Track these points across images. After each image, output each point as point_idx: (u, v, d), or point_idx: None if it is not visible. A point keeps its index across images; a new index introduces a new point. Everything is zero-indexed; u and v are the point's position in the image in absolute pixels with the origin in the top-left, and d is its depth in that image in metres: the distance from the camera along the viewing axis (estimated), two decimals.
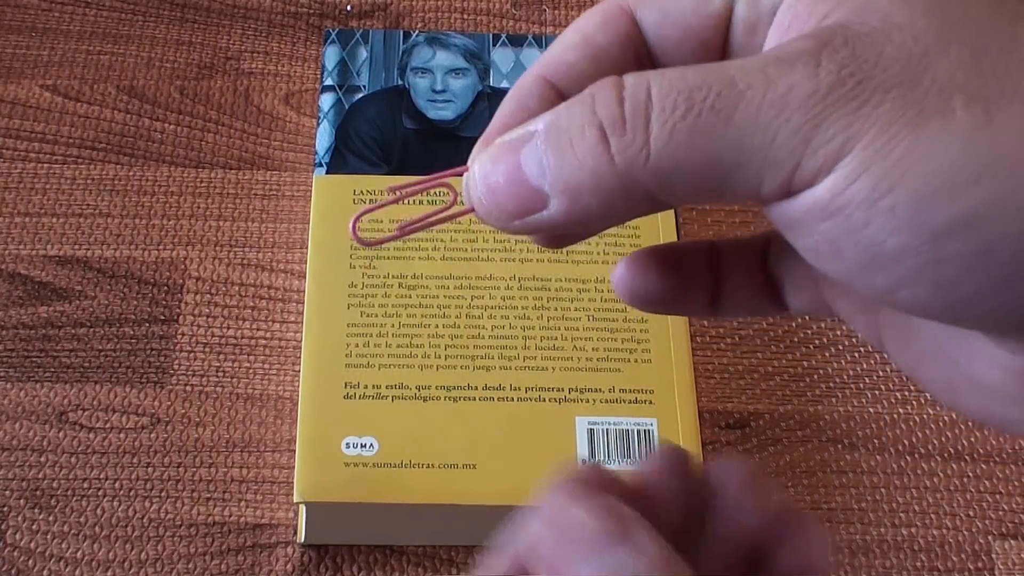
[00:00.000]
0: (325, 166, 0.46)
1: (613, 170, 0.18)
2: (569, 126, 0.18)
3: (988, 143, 0.15)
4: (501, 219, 0.20)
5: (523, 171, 0.19)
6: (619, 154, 0.17)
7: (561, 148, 0.18)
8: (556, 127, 0.18)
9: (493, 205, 0.19)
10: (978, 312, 0.17)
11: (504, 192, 0.19)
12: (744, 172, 0.17)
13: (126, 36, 0.53)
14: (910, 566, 0.42)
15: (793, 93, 0.16)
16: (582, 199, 0.18)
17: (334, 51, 0.49)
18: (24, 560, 0.40)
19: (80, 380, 0.44)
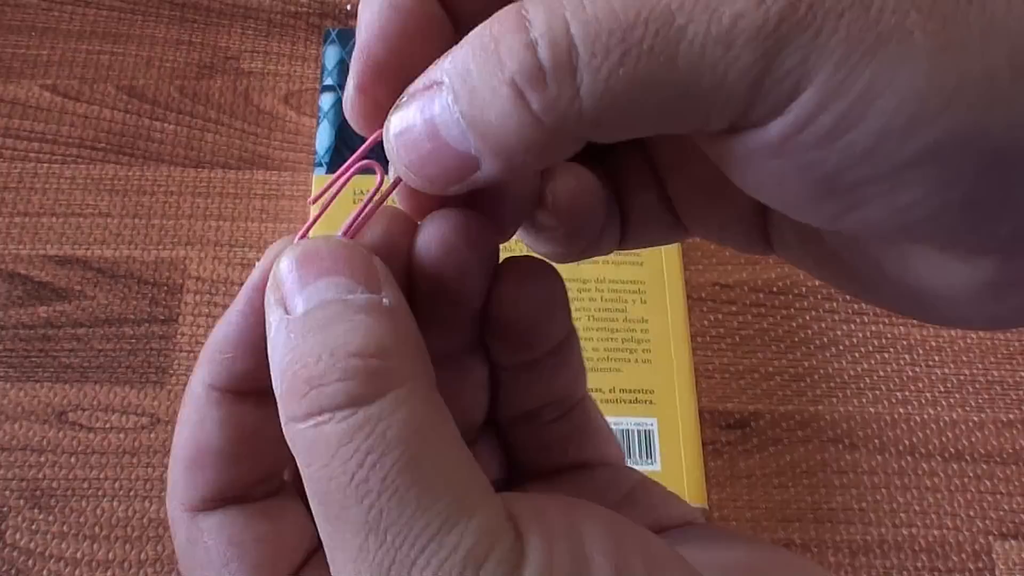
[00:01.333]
0: (325, 166, 0.46)
1: (541, 128, 0.16)
2: (478, 82, 0.16)
3: (950, 68, 0.14)
4: (436, 188, 0.18)
5: (443, 138, 0.17)
6: (544, 113, 0.16)
7: (476, 109, 0.16)
8: (463, 83, 0.16)
9: (423, 178, 0.18)
10: (935, 230, 0.16)
11: (430, 163, 0.17)
12: (688, 114, 0.15)
13: (126, 36, 0.53)
14: (910, 566, 0.42)
15: (740, 26, 0.14)
16: (516, 157, 0.16)
17: (334, 51, 0.49)
18: (24, 560, 0.40)
19: (80, 380, 0.44)
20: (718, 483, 0.43)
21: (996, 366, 0.46)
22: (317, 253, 0.18)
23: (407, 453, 0.15)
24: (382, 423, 0.16)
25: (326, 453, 0.16)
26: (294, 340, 0.17)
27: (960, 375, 0.46)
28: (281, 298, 0.17)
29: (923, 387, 0.46)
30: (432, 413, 0.16)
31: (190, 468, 0.20)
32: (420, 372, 0.17)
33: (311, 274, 0.17)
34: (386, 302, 0.17)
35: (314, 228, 0.21)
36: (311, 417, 0.16)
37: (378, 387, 0.16)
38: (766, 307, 0.47)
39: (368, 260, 0.18)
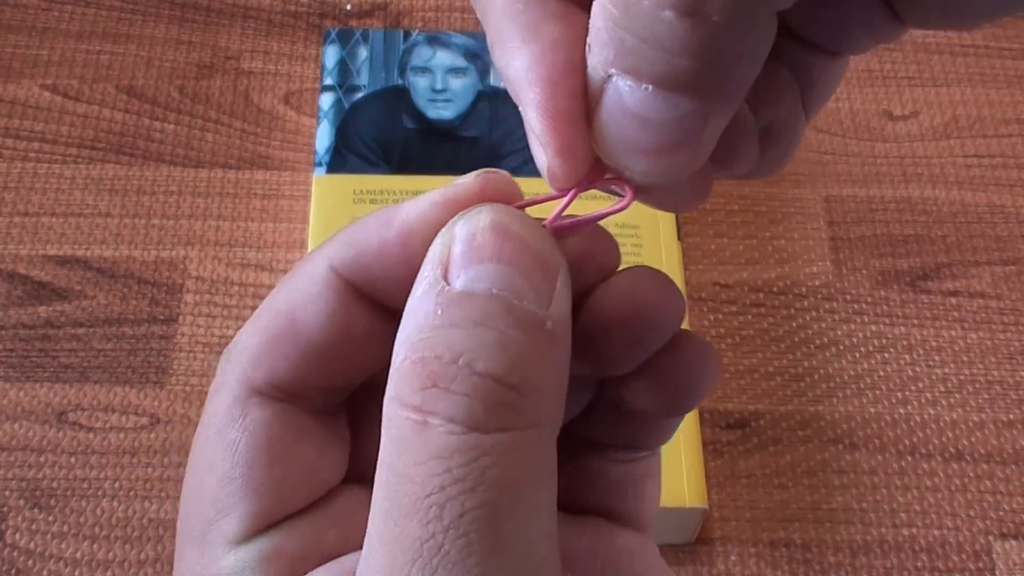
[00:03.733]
0: (325, 166, 0.46)
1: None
2: (641, 43, 0.15)
3: None
4: (683, 168, 0.16)
5: (655, 117, 0.15)
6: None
7: (661, 65, 0.15)
8: (630, 57, 0.15)
9: (668, 166, 0.16)
10: None
11: (667, 151, 0.16)
12: None
13: (126, 36, 0.53)
14: (911, 566, 0.42)
15: None
16: (731, 66, 0.15)
17: (334, 51, 0.49)
18: (24, 560, 0.40)
19: (80, 380, 0.44)
20: (718, 483, 0.43)
21: (996, 366, 0.46)
22: (507, 230, 0.16)
23: (497, 504, 0.14)
24: (488, 459, 0.14)
25: (417, 454, 0.14)
26: (438, 319, 0.15)
27: (960, 375, 0.46)
28: (446, 258, 0.16)
29: (923, 387, 0.46)
30: (540, 470, 0.15)
31: (272, 342, 0.18)
32: (550, 418, 0.15)
33: (489, 251, 0.16)
34: (549, 326, 0.16)
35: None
36: (419, 412, 0.15)
37: (503, 421, 0.15)
38: (766, 307, 0.47)
39: (553, 265, 0.16)
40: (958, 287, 0.48)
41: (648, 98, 0.15)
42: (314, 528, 0.18)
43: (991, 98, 0.54)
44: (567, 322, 0.16)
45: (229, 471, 0.18)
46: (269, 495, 0.18)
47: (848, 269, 0.48)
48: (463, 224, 0.16)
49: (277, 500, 0.18)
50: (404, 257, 0.17)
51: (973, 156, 0.52)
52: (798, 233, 0.49)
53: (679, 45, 0.14)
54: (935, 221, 0.50)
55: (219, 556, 0.18)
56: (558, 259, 0.16)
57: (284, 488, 0.18)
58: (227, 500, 0.18)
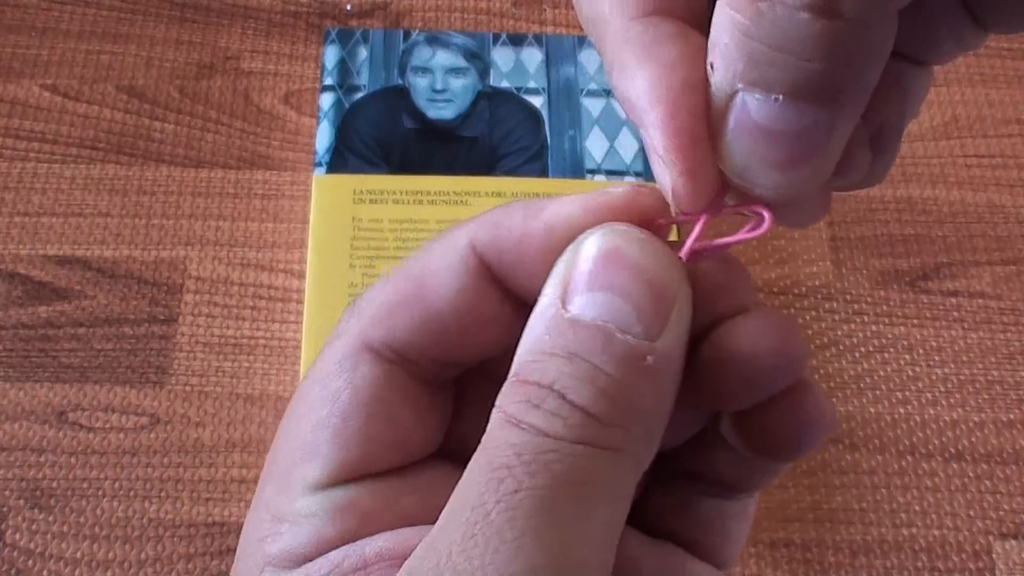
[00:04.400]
0: (325, 166, 0.46)
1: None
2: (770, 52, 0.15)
3: None
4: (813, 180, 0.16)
5: (786, 128, 0.15)
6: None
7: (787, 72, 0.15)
8: (758, 65, 0.15)
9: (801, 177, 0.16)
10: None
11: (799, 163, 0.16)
12: None
13: (126, 36, 0.53)
14: (911, 566, 0.42)
15: None
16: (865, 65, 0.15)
17: (334, 51, 0.49)
18: (24, 560, 0.40)
19: (80, 380, 0.44)
20: None
21: (996, 366, 0.46)
22: (624, 258, 0.16)
23: (552, 493, 0.15)
24: (555, 455, 0.15)
25: (497, 440, 0.16)
26: (545, 344, 0.16)
27: (960, 375, 0.46)
28: (568, 279, 0.16)
29: (923, 387, 0.46)
30: (606, 486, 0.16)
31: (397, 304, 0.19)
32: (632, 446, 0.16)
33: (602, 279, 0.16)
34: (650, 360, 0.16)
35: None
36: (514, 418, 0.16)
37: (581, 437, 0.15)
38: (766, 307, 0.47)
39: (669, 297, 0.17)
40: (958, 287, 0.48)
41: (778, 109, 0.15)
42: (392, 491, 0.19)
43: (991, 98, 0.54)
44: (676, 355, 0.17)
45: (325, 418, 0.18)
46: (357, 449, 0.18)
47: (848, 269, 0.48)
48: (586, 246, 0.17)
49: (364, 456, 0.18)
50: (542, 251, 0.18)
51: (973, 156, 0.52)
52: (798, 233, 0.49)
53: (813, 47, 0.15)
54: (935, 221, 0.50)
55: (295, 497, 0.18)
56: (675, 291, 0.17)
57: (373, 446, 0.18)
58: (316, 445, 0.18)
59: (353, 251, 0.43)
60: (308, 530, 0.18)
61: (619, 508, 0.16)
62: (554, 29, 0.54)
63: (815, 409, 0.19)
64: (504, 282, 0.19)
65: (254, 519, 0.19)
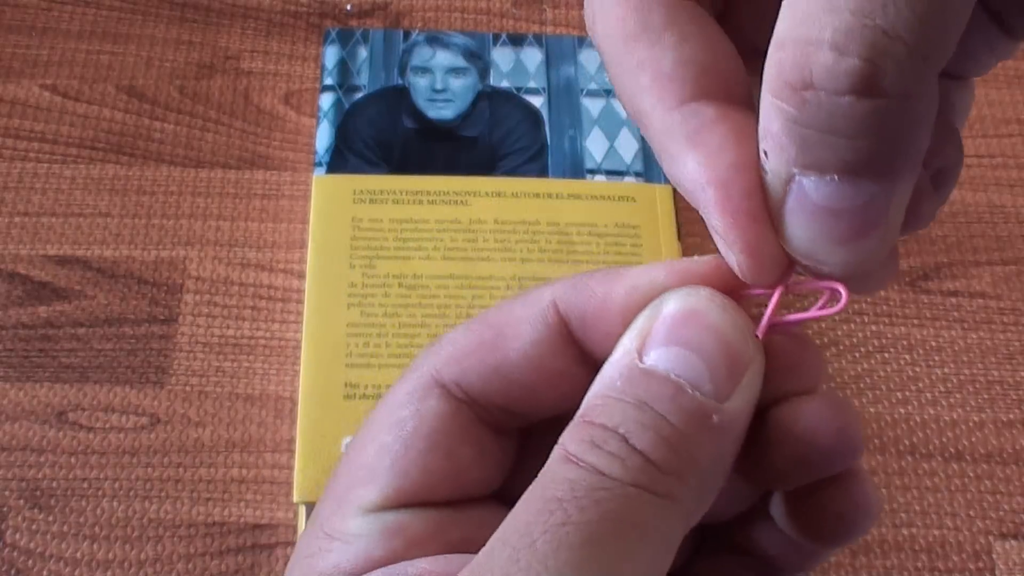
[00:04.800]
0: (325, 166, 0.46)
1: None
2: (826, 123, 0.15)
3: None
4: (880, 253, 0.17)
5: (848, 206, 0.16)
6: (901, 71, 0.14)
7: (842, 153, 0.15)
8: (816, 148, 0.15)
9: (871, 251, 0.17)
10: None
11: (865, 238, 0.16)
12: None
13: (126, 36, 0.53)
14: (910, 566, 0.42)
15: None
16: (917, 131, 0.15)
17: (334, 51, 0.49)
18: (24, 560, 0.40)
19: (80, 380, 0.44)
20: None
21: (996, 366, 0.46)
22: (705, 318, 0.17)
23: (599, 529, 0.15)
24: (607, 493, 0.16)
25: (554, 475, 0.16)
26: (615, 390, 0.17)
27: (960, 375, 0.46)
28: (647, 331, 0.17)
29: (923, 387, 0.46)
30: (654, 530, 0.16)
31: (471, 346, 0.20)
32: (686, 499, 0.16)
33: (680, 336, 0.17)
34: (715, 419, 0.17)
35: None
36: (575, 456, 0.16)
37: (636, 480, 0.16)
38: None
39: (743, 361, 0.17)
40: (958, 287, 0.48)
41: (835, 188, 0.16)
42: (443, 522, 0.19)
43: (991, 98, 0.54)
44: (741, 419, 0.17)
45: (388, 444, 0.19)
46: (415, 478, 0.19)
47: None
48: (670, 302, 0.17)
49: (420, 485, 0.19)
50: (622, 312, 0.19)
51: (973, 156, 0.52)
52: None
53: (861, 127, 0.15)
54: (935, 221, 0.50)
55: (348, 516, 0.19)
56: (749, 357, 0.17)
57: (430, 476, 0.19)
58: (375, 470, 0.19)
59: (353, 251, 0.43)
60: (356, 549, 0.19)
61: (664, 556, 0.16)
62: (554, 29, 0.54)
63: (865, 497, 0.19)
64: (581, 343, 0.19)
65: (307, 536, 0.20)
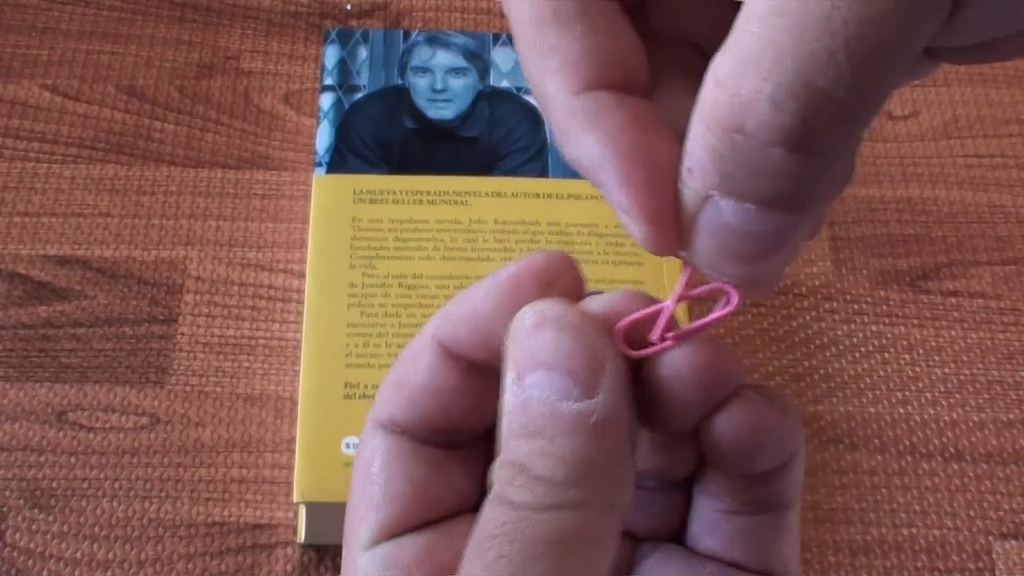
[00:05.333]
0: (325, 166, 0.46)
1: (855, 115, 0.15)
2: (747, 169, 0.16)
3: None
4: (777, 278, 0.18)
5: (759, 233, 0.17)
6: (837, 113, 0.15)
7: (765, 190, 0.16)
8: (733, 182, 0.16)
9: (769, 280, 0.19)
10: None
11: (765, 265, 0.18)
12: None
13: (126, 36, 0.53)
14: (910, 566, 0.42)
15: None
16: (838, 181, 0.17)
17: (334, 51, 0.49)
18: (24, 560, 0.40)
19: (80, 380, 0.44)
20: None
21: (996, 366, 0.46)
22: (548, 334, 0.19)
23: (529, 553, 0.17)
24: (530, 523, 0.17)
25: (490, 523, 0.18)
26: (515, 422, 0.18)
27: (960, 375, 0.46)
28: (515, 362, 0.19)
29: (923, 387, 0.46)
30: (579, 540, 0.18)
31: (390, 389, 0.22)
32: (599, 498, 0.18)
33: (536, 357, 0.18)
34: (595, 418, 0.18)
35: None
36: (499, 496, 0.18)
37: (550, 503, 0.18)
38: (766, 307, 0.47)
39: (597, 358, 0.18)
40: (958, 287, 0.48)
41: (750, 215, 0.17)
42: (429, 543, 0.21)
43: (991, 98, 0.54)
44: (619, 406, 0.18)
45: (363, 487, 0.22)
46: (387, 508, 0.21)
47: (848, 269, 0.48)
48: (515, 330, 0.19)
49: (394, 513, 0.21)
50: (477, 332, 0.21)
51: (973, 156, 0.52)
52: None
53: (786, 175, 0.16)
54: (935, 221, 0.50)
55: (356, 556, 0.21)
56: (601, 349, 0.19)
57: (400, 503, 0.21)
58: (362, 510, 0.22)
59: (353, 251, 0.43)
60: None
61: (599, 551, 0.18)
62: None
63: (751, 419, 0.20)
64: (464, 358, 0.21)
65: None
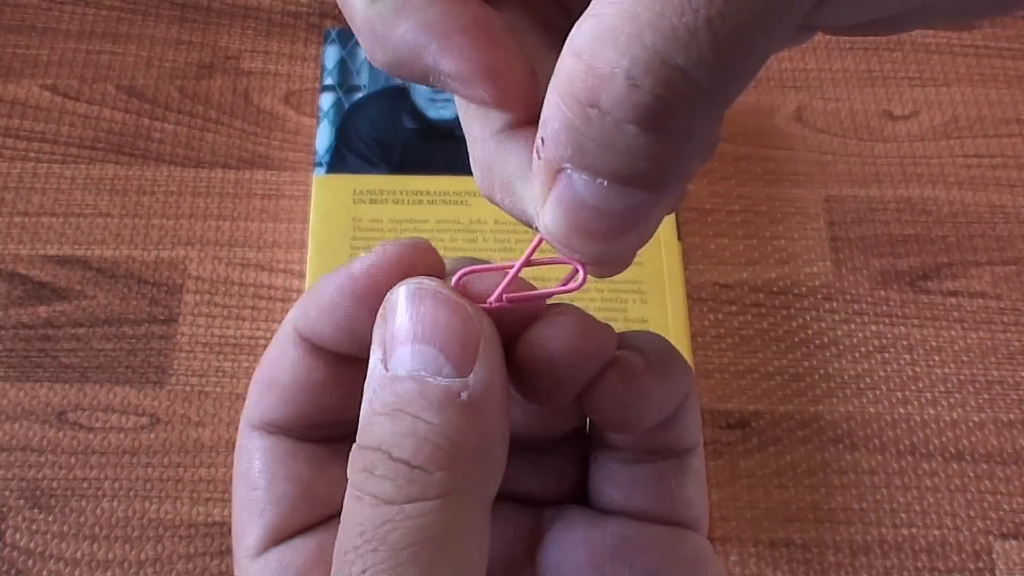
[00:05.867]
0: (325, 166, 0.46)
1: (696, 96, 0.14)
2: (602, 149, 0.15)
3: None
4: (630, 256, 0.17)
5: (610, 209, 0.16)
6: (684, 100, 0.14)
7: (617, 165, 0.15)
8: (588, 156, 0.15)
9: (617, 255, 0.17)
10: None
11: (614, 240, 0.16)
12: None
13: (126, 36, 0.53)
14: (911, 566, 0.42)
15: None
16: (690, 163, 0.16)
17: (334, 50, 0.49)
18: (24, 560, 0.40)
19: (80, 380, 0.44)
20: (718, 483, 0.43)
21: (996, 366, 0.46)
22: (421, 309, 0.18)
23: (394, 563, 0.16)
24: (391, 525, 0.16)
25: (348, 521, 0.17)
26: (373, 407, 0.17)
27: (960, 375, 0.46)
28: (383, 340, 0.18)
29: (923, 387, 0.46)
30: (448, 532, 0.16)
31: (261, 389, 0.21)
32: (465, 483, 0.17)
33: (407, 332, 0.17)
34: (464, 396, 0.17)
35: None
36: (356, 490, 0.17)
37: (411, 495, 0.16)
38: (766, 307, 0.47)
39: (472, 334, 0.18)
40: (958, 287, 0.48)
41: (604, 191, 0.16)
42: (321, 543, 0.20)
43: (991, 98, 0.54)
44: (493, 386, 0.18)
45: (244, 494, 0.21)
46: (272, 512, 0.20)
47: (848, 269, 0.48)
48: (389, 305, 0.18)
49: (279, 516, 0.20)
50: (340, 316, 0.20)
51: (973, 156, 0.52)
52: (798, 233, 0.49)
53: (640, 153, 0.15)
54: (935, 221, 0.50)
55: (245, 567, 0.20)
56: (476, 326, 0.18)
57: (283, 506, 0.20)
58: (244, 520, 0.21)
59: (353, 251, 0.43)
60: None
61: (470, 545, 0.17)
62: None
63: (627, 386, 0.20)
64: (328, 350, 0.21)
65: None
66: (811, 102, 0.53)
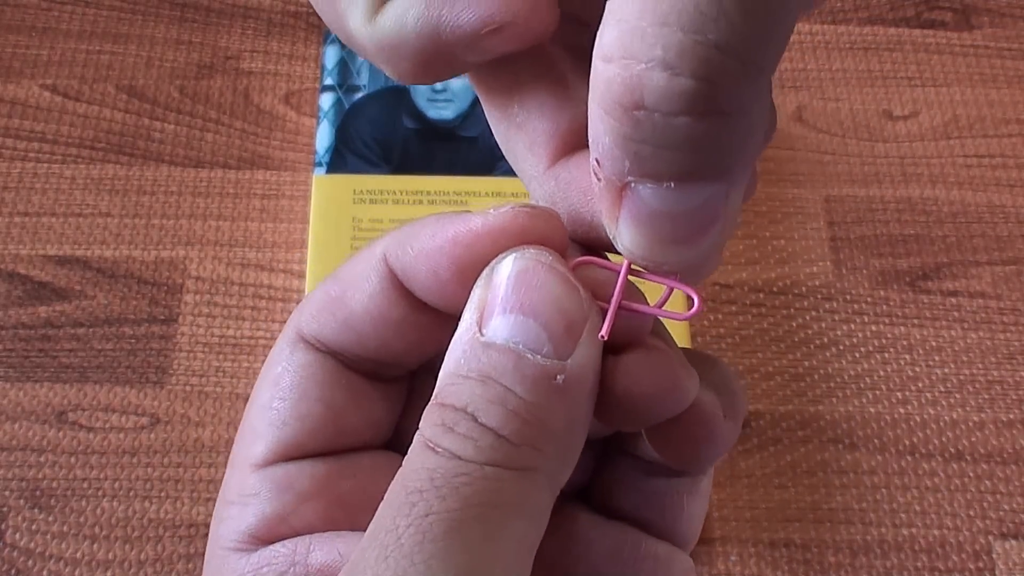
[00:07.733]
0: (325, 166, 0.46)
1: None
2: (658, 143, 0.15)
3: None
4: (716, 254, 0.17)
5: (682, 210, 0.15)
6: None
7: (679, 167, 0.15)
8: (648, 161, 0.15)
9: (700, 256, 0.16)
10: None
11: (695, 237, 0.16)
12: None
13: (126, 36, 0.53)
14: (911, 566, 0.42)
15: None
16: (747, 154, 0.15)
17: (334, 51, 0.49)
18: (24, 560, 0.40)
19: (80, 380, 0.44)
20: (718, 483, 0.43)
21: (996, 366, 0.46)
22: (532, 281, 0.17)
23: (461, 516, 0.15)
24: (466, 478, 0.16)
25: (415, 465, 0.16)
26: (461, 368, 0.17)
27: (960, 375, 0.46)
28: (483, 304, 0.17)
29: (923, 387, 0.46)
30: (517, 505, 0.16)
31: (326, 305, 0.20)
32: (544, 464, 0.16)
33: (513, 302, 0.17)
34: (560, 380, 0.17)
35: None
36: (431, 441, 0.16)
37: (491, 459, 0.16)
38: (766, 307, 0.47)
39: (579, 317, 0.17)
40: (958, 287, 0.48)
41: (672, 194, 0.15)
42: (332, 474, 0.20)
43: (991, 98, 0.54)
44: (587, 375, 0.17)
45: (267, 401, 0.20)
46: (292, 427, 0.20)
47: (848, 269, 0.48)
48: (499, 270, 0.17)
49: (299, 433, 0.20)
50: (445, 267, 0.19)
51: (973, 156, 0.52)
52: (798, 233, 0.49)
53: (698, 142, 0.15)
54: (935, 221, 0.50)
55: (243, 477, 0.20)
56: (585, 312, 0.17)
57: (307, 424, 0.20)
58: (259, 427, 0.20)
59: (353, 251, 0.43)
60: (250, 510, 0.19)
61: (532, 525, 0.17)
62: None
63: (704, 433, 0.19)
64: (414, 292, 0.20)
65: (215, 509, 0.20)
66: (811, 102, 0.53)
